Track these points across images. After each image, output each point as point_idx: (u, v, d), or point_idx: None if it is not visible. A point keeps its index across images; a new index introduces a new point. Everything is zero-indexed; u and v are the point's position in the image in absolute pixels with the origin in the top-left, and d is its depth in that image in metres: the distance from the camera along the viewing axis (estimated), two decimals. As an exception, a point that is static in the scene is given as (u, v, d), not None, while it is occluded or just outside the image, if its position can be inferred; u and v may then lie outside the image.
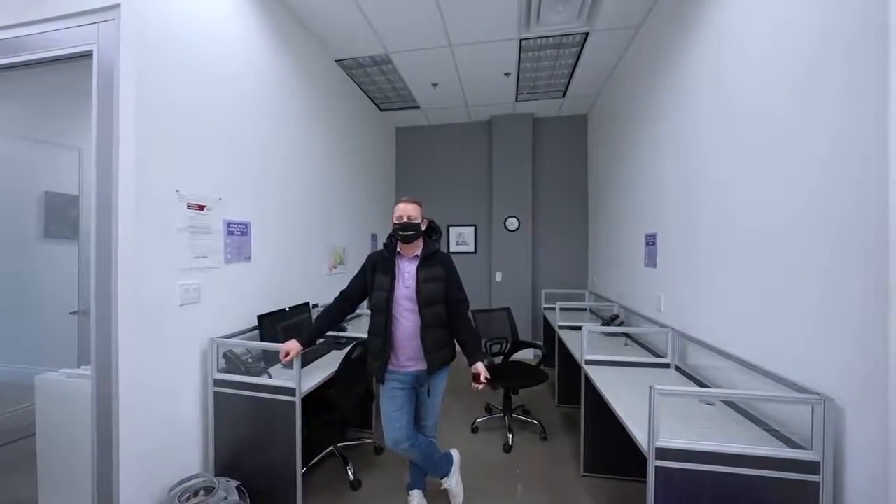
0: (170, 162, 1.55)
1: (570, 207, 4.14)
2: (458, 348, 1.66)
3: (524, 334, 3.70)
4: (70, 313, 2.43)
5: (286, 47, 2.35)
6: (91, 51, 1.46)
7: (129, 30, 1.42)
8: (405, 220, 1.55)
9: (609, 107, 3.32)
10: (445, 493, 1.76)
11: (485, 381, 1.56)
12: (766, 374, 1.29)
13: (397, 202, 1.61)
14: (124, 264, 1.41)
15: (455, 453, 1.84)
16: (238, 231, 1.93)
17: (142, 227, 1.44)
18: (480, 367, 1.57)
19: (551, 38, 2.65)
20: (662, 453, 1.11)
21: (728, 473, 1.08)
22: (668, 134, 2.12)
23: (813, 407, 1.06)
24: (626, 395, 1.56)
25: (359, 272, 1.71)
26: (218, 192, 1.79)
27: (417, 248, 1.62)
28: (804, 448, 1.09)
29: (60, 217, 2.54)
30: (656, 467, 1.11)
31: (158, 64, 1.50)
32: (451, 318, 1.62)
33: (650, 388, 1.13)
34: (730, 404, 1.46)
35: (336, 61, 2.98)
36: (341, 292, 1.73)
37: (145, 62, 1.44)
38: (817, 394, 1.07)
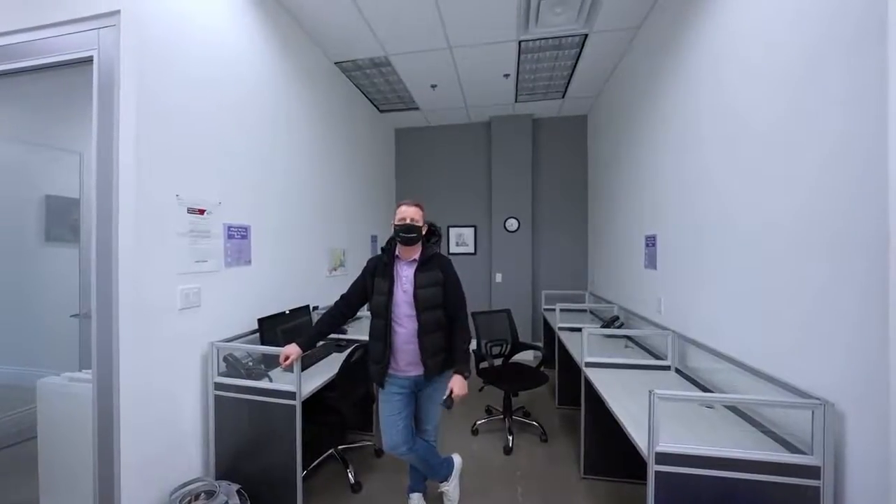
0: (169, 166, 1.55)
1: (570, 209, 4.14)
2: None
3: (524, 336, 3.69)
4: (71, 316, 2.44)
5: (286, 50, 2.35)
6: (91, 56, 1.46)
7: (129, 35, 1.42)
8: (408, 221, 1.55)
9: (609, 108, 3.32)
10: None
11: (455, 396, 1.48)
12: (767, 377, 1.29)
13: (400, 204, 1.61)
14: (125, 269, 1.42)
15: (457, 459, 1.84)
16: (238, 235, 1.93)
17: (142, 232, 1.44)
18: (455, 380, 1.51)
19: (550, 40, 2.64)
20: (662, 458, 1.11)
21: (728, 478, 1.08)
22: (667, 135, 2.12)
23: (813, 412, 1.05)
24: (626, 397, 1.56)
25: (359, 276, 1.70)
26: (217, 196, 1.79)
27: (416, 251, 1.61)
28: (805, 453, 1.09)
29: (61, 221, 2.55)
30: (656, 472, 1.11)
31: (158, 69, 1.50)
32: (448, 323, 1.61)
33: (650, 392, 1.13)
34: (730, 407, 1.46)
35: (335, 64, 2.98)
36: (342, 296, 1.73)
37: (145, 67, 1.45)
38: (818, 398, 1.07)
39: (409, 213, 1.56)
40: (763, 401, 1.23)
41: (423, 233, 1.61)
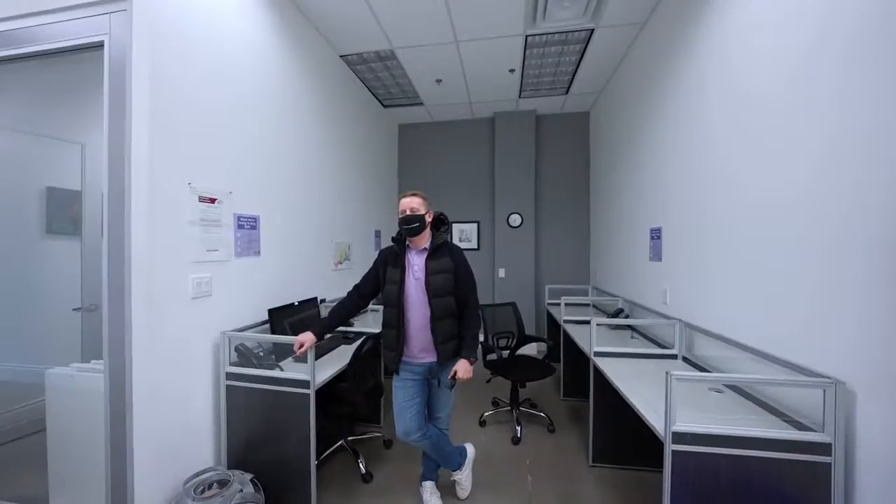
0: (181, 154, 1.54)
1: (572, 204, 4.18)
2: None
3: (528, 330, 3.70)
4: (73, 310, 2.41)
5: (293, 42, 2.34)
6: (102, 42, 1.44)
7: (140, 21, 1.41)
8: (408, 213, 1.57)
9: (612, 103, 3.35)
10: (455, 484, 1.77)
11: (459, 378, 1.54)
12: (776, 360, 1.32)
13: (400, 198, 1.62)
14: (137, 257, 1.40)
15: (471, 449, 1.85)
16: (248, 225, 1.92)
17: (154, 220, 1.43)
18: (460, 364, 1.54)
19: (556, 35, 2.67)
20: (679, 438, 1.13)
21: (742, 456, 1.10)
22: (673, 128, 2.15)
23: (825, 390, 1.08)
24: (637, 383, 1.59)
25: (371, 267, 1.72)
26: (228, 185, 1.78)
27: (426, 240, 1.63)
28: (816, 431, 1.12)
29: (62, 213, 2.51)
30: (673, 451, 1.13)
31: (169, 56, 1.49)
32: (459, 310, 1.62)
33: (667, 373, 1.15)
34: (738, 391, 1.49)
35: (341, 57, 2.97)
36: (355, 286, 1.73)
37: (157, 54, 1.44)
38: (829, 377, 1.10)
39: (407, 203, 1.58)
40: (776, 380, 1.26)
41: (429, 220, 1.62)
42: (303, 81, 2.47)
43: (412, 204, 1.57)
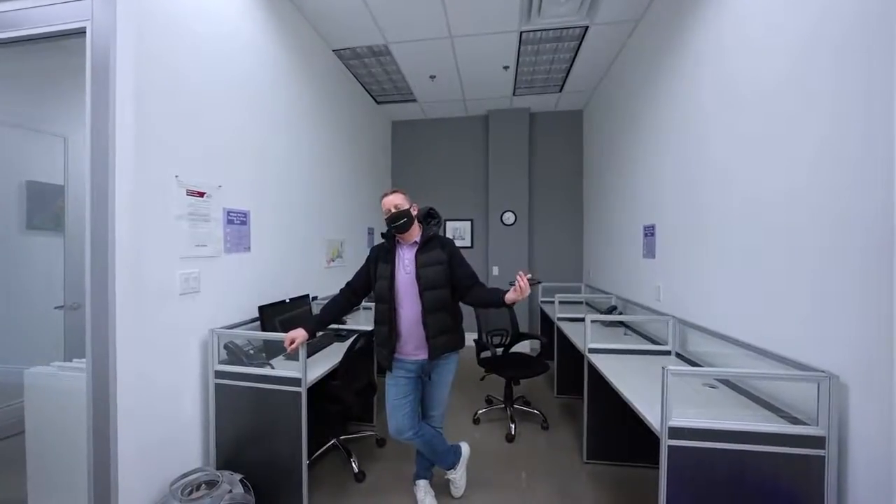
0: (168, 146, 1.50)
1: (566, 202, 4.19)
2: (466, 336, 1.66)
3: (521, 327, 3.71)
4: (55, 308, 2.33)
5: (285, 34, 2.30)
6: (84, 28, 1.39)
7: (125, 7, 1.36)
8: (392, 210, 1.55)
9: (605, 102, 3.36)
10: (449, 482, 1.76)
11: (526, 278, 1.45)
12: (769, 355, 1.32)
13: (381, 198, 1.60)
14: (122, 251, 1.35)
15: (465, 447, 1.84)
16: (238, 220, 1.88)
17: (140, 213, 1.38)
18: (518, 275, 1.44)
19: (551, 32, 2.66)
20: (675, 433, 1.13)
21: (738, 450, 1.10)
22: (668, 126, 2.16)
23: (819, 384, 1.09)
24: (632, 379, 1.58)
25: (364, 264, 1.69)
26: (217, 179, 1.74)
27: (415, 234, 1.62)
28: (809, 424, 1.13)
29: (44, 208, 2.43)
30: (669, 446, 1.13)
31: (156, 44, 1.44)
32: (465, 292, 1.59)
33: (663, 368, 1.14)
34: (732, 387, 1.50)
35: (334, 51, 2.93)
36: (347, 283, 1.71)
37: (143, 41, 1.39)
38: (822, 371, 1.11)
39: (391, 202, 1.56)
40: (770, 374, 1.26)
41: (415, 213, 1.61)
42: (295, 76, 2.43)
43: (395, 201, 1.56)
